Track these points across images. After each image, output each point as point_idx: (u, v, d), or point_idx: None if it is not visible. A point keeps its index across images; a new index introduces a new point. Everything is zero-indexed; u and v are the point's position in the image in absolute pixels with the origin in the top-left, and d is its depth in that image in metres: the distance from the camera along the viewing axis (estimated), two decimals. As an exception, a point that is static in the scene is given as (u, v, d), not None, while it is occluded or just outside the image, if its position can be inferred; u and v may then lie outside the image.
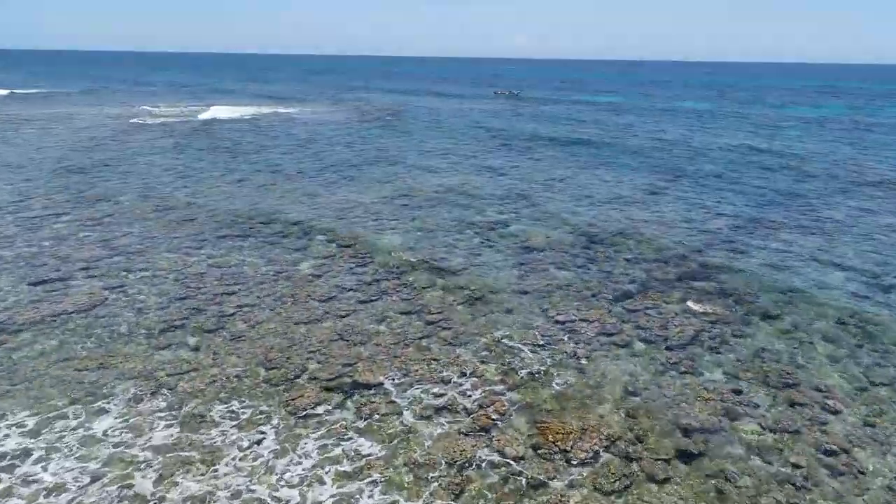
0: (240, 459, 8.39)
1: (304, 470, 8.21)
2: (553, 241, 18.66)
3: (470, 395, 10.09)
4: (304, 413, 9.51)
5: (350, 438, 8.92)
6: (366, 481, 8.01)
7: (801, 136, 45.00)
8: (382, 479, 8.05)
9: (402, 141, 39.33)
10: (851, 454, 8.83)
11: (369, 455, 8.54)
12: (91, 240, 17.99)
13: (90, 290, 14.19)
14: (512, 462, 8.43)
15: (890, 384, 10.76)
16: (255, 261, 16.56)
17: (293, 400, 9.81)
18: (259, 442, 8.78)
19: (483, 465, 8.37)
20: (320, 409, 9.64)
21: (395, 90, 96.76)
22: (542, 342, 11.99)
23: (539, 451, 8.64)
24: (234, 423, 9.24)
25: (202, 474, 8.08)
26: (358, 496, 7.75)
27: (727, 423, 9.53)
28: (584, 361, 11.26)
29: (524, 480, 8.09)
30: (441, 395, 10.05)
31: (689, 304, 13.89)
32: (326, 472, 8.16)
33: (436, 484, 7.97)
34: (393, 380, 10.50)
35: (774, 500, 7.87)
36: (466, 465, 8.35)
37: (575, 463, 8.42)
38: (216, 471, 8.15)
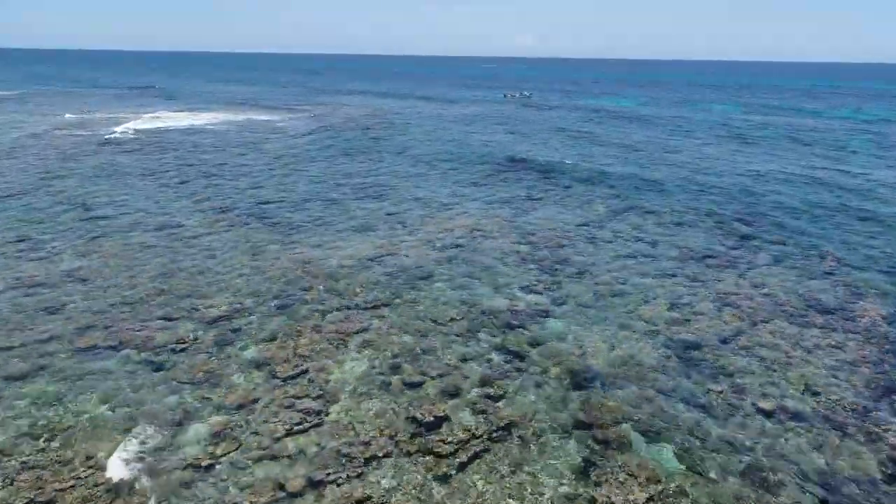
0: None
1: None
2: (623, 358, 11.41)
3: None
4: None
5: None
6: None
7: (875, 156, 36.64)
8: None
9: (392, 164, 31.46)
10: None
11: None
12: None
13: None
14: None
15: None
16: (124, 411, 9.30)
17: None
18: None
19: None
20: None
21: (391, 93, 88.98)
22: None
23: None
24: None
25: None
26: None
27: None
28: None
29: None
30: None
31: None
32: None
33: None
34: None
35: None
36: None
37: None
38: None
